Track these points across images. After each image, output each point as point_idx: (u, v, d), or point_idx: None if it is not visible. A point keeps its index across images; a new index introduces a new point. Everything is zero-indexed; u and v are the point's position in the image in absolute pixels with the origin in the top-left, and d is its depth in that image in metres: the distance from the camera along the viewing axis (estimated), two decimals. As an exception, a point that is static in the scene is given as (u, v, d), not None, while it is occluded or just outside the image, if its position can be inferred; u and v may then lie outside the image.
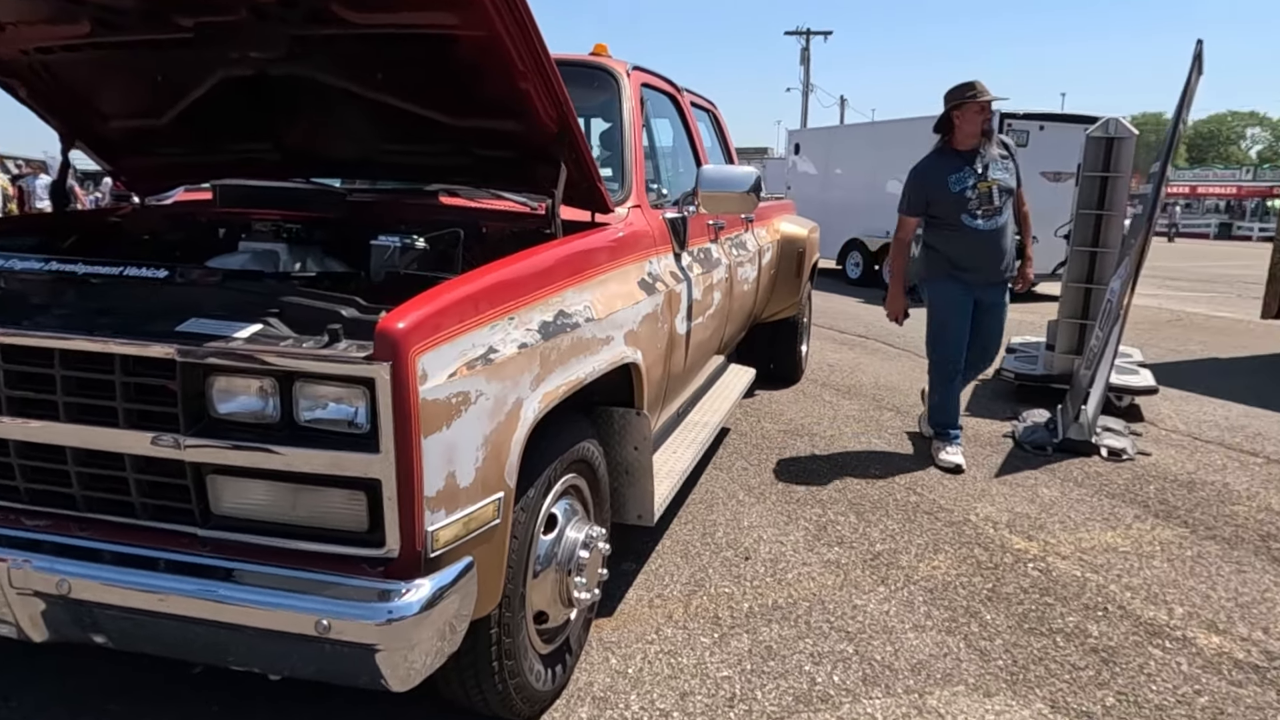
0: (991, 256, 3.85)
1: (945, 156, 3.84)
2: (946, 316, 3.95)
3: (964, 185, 3.76)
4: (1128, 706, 2.17)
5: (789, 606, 2.65)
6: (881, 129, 12.40)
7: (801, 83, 36.33)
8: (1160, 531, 3.32)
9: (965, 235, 3.79)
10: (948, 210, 3.79)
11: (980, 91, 3.69)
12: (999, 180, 3.80)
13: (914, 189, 3.88)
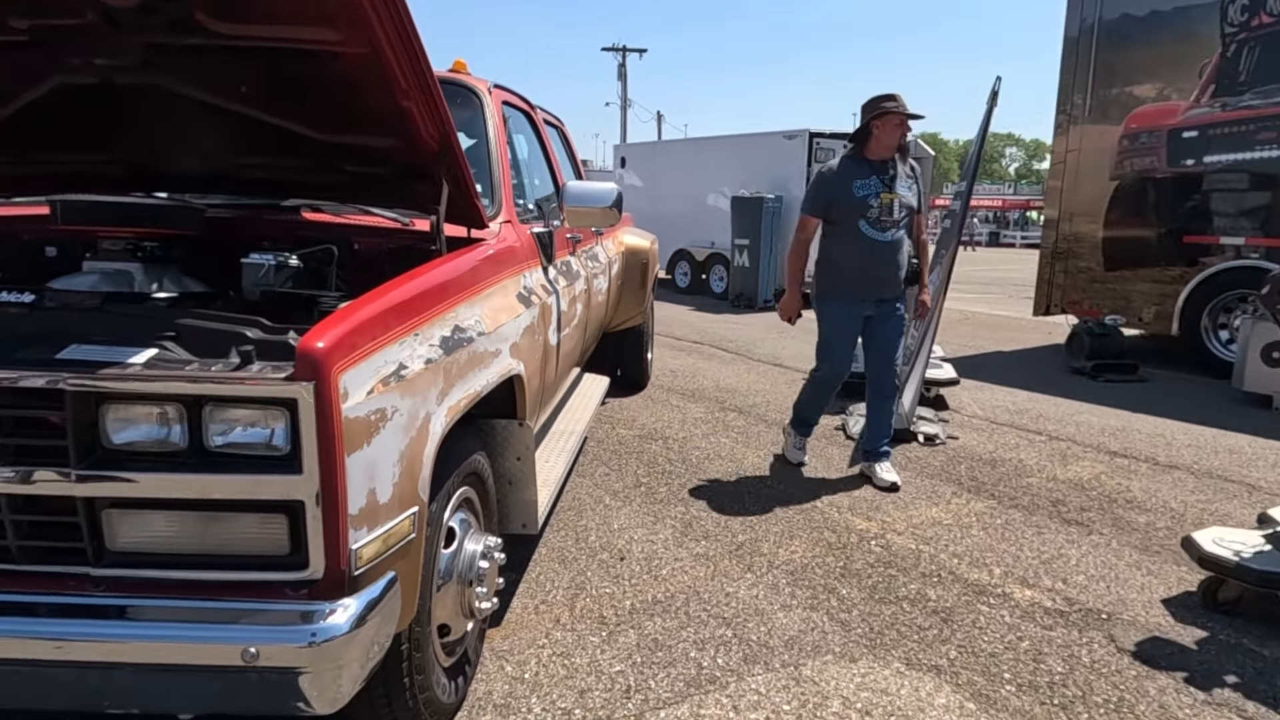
0: (883, 269, 3.80)
1: (855, 163, 3.78)
2: (834, 335, 3.92)
3: (867, 192, 3.72)
4: (967, 657, 2.48)
5: (668, 600, 2.80)
6: (703, 145, 13.01)
7: (620, 97, 37.22)
8: (974, 504, 3.78)
9: (860, 243, 3.74)
10: (846, 215, 3.74)
11: (902, 104, 3.67)
12: (901, 195, 3.77)
13: (817, 189, 3.83)
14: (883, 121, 3.67)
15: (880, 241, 3.75)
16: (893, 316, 3.91)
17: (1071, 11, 7.70)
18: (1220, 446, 4.79)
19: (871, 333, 3.93)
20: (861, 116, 3.76)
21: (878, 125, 3.69)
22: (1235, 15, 6.58)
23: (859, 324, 3.89)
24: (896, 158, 3.79)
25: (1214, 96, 6.74)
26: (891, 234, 3.77)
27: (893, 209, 3.75)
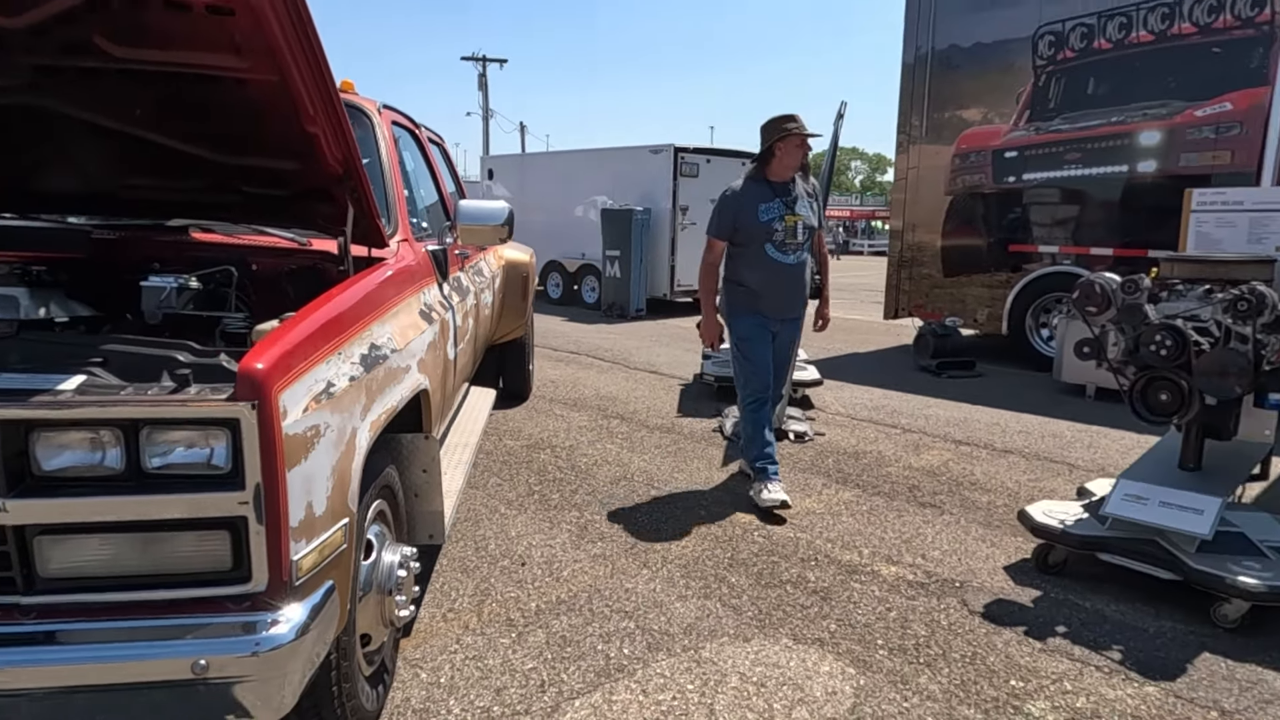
0: (789, 290, 3.86)
1: (758, 185, 3.79)
2: (751, 350, 3.90)
3: (771, 216, 3.73)
4: (845, 629, 2.76)
5: (571, 599, 2.93)
6: (571, 158, 13.20)
7: (481, 108, 36.89)
8: (842, 494, 4.13)
9: (766, 266, 3.77)
10: (751, 238, 3.76)
11: (802, 125, 3.69)
12: (804, 217, 3.81)
13: (724, 213, 3.82)
14: (785, 143, 3.68)
15: (785, 264, 3.78)
16: (791, 333, 4.04)
17: (907, 41, 8.43)
18: (1045, 432, 5.41)
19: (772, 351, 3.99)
20: (763, 138, 3.76)
21: (780, 147, 3.70)
22: (1044, 49, 7.43)
23: (770, 336, 3.93)
24: (798, 177, 3.84)
25: (1029, 121, 7.57)
26: (796, 256, 3.80)
27: (796, 231, 3.77)
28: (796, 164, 3.77)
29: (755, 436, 3.94)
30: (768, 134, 3.75)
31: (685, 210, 11.50)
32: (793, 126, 3.68)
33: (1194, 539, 2.87)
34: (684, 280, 11.71)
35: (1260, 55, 6.20)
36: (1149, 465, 3.25)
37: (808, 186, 3.91)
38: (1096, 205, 7.23)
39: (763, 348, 3.89)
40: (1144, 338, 2.94)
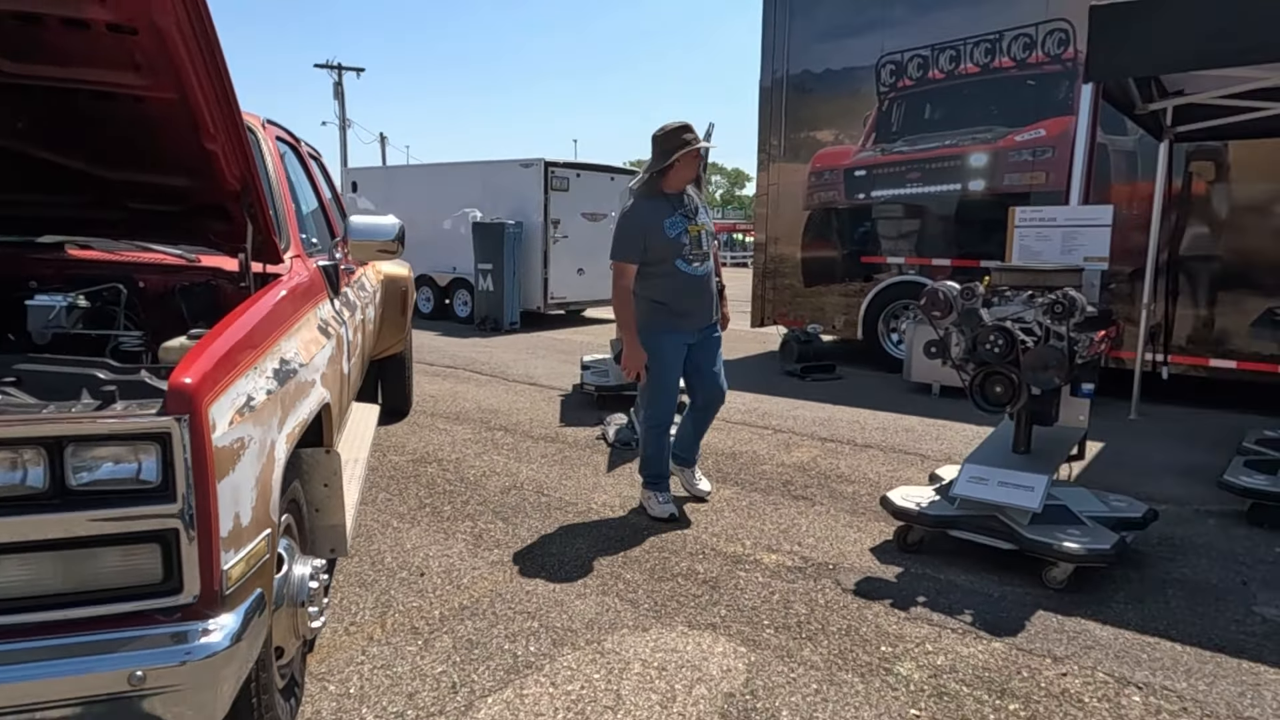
0: (705, 299, 3.86)
1: (656, 201, 3.73)
2: (666, 372, 3.84)
3: (678, 230, 3.70)
4: (734, 613, 2.98)
5: (474, 605, 3.01)
6: (440, 170, 13.05)
7: (338, 117, 35.62)
8: (724, 491, 4.39)
9: (680, 280, 3.73)
10: (662, 255, 3.69)
11: (697, 137, 3.67)
12: (704, 225, 3.83)
13: (630, 234, 3.71)
14: (682, 156, 3.63)
15: (696, 276, 3.78)
16: (711, 337, 3.98)
17: (765, 65, 8.96)
18: (899, 427, 5.91)
19: (694, 357, 3.92)
20: (660, 149, 3.66)
21: (680, 159, 3.64)
22: (886, 77, 8.10)
23: (684, 353, 3.88)
24: (690, 188, 3.84)
25: (875, 143, 8.22)
26: (703, 266, 3.81)
27: (701, 241, 3.78)
28: (693, 176, 3.75)
29: (657, 455, 3.97)
30: (667, 145, 3.64)
31: (557, 223, 11.65)
32: (691, 138, 3.64)
33: (1027, 513, 3.29)
34: (557, 293, 11.83)
35: (1066, 88, 7.04)
36: (988, 450, 3.67)
37: (701, 196, 3.94)
38: (935, 220, 7.94)
39: (677, 372, 3.87)
40: (980, 338, 3.35)
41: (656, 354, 3.79)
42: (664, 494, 3.97)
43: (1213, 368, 6.61)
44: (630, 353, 3.76)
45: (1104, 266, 3.63)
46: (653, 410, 3.92)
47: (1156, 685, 2.52)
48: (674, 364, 3.84)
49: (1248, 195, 6.42)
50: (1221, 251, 6.56)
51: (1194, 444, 5.45)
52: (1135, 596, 3.15)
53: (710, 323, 3.94)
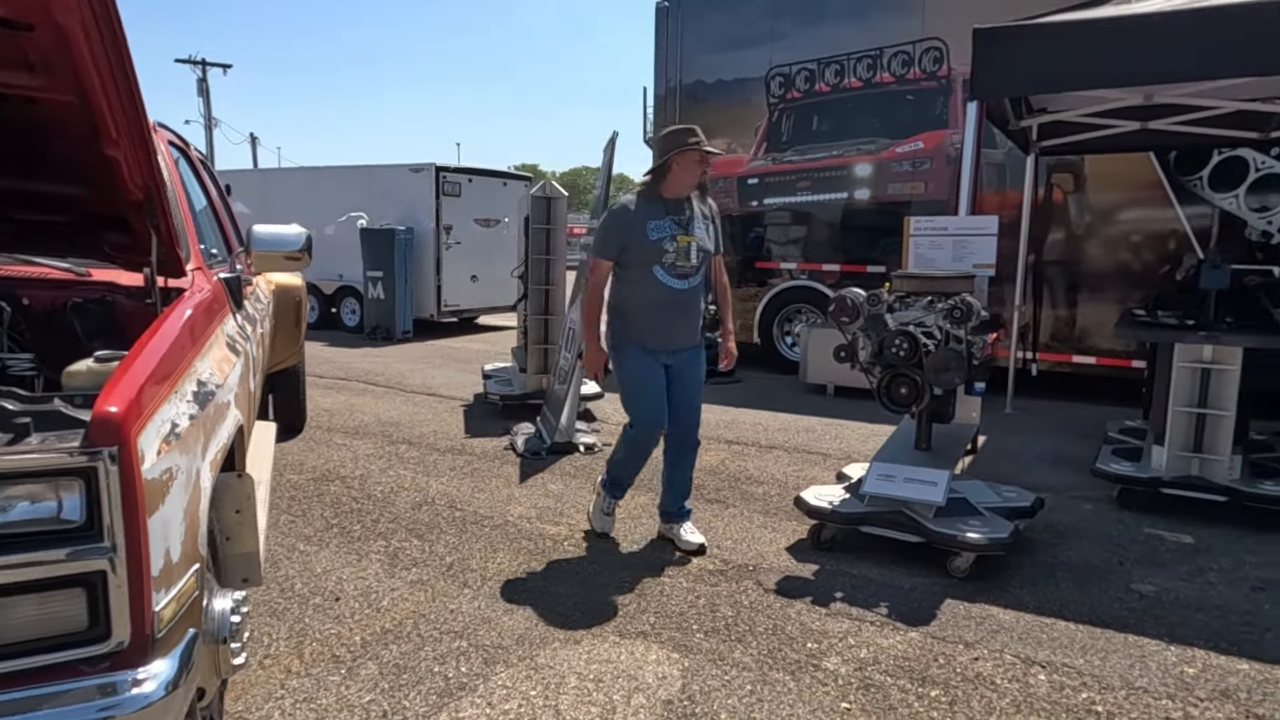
0: (681, 319, 3.47)
1: (650, 202, 3.41)
2: (640, 385, 3.49)
3: (662, 235, 3.36)
4: (663, 619, 3.00)
5: (396, 628, 2.90)
6: (324, 174, 12.53)
7: (203, 116, 33.61)
8: (638, 499, 4.38)
9: (654, 291, 3.40)
10: (640, 260, 3.39)
11: (703, 140, 3.35)
12: (698, 239, 3.43)
13: (610, 230, 3.43)
14: (683, 157, 3.32)
15: (677, 290, 3.41)
16: (691, 366, 3.57)
17: (659, 74, 9.08)
18: (799, 428, 6.11)
19: (669, 384, 3.54)
20: (658, 151, 3.42)
21: (678, 161, 3.33)
22: (775, 89, 8.37)
23: (662, 372, 3.51)
24: (694, 197, 3.49)
25: (766, 152, 8.48)
26: (689, 281, 3.43)
27: (690, 254, 3.40)
28: (694, 181, 3.41)
29: (625, 462, 3.68)
30: (665, 146, 3.38)
31: (449, 229, 11.40)
32: (694, 141, 3.32)
33: (932, 506, 3.47)
34: (451, 300, 11.58)
35: (942, 103, 7.48)
36: (893, 448, 3.85)
37: (705, 208, 3.53)
38: (824, 227, 8.26)
39: (654, 385, 3.48)
40: (886, 342, 3.51)
41: (620, 362, 3.50)
42: (610, 502, 3.78)
43: (1076, 364, 7.18)
44: (589, 352, 3.55)
45: (991, 273, 3.88)
46: (631, 431, 3.60)
47: (1058, 663, 2.72)
48: (643, 372, 3.47)
49: (1102, 205, 7.01)
50: (1080, 257, 7.13)
51: (1064, 435, 5.89)
52: (1029, 580, 3.37)
53: (690, 345, 3.54)
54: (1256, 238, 6.51)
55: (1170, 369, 4.22)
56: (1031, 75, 3.90)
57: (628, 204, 3.43)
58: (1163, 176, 6.73)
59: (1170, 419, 4.23)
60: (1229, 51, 3.33)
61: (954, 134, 7.39)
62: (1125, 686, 2.58)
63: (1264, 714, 2.43)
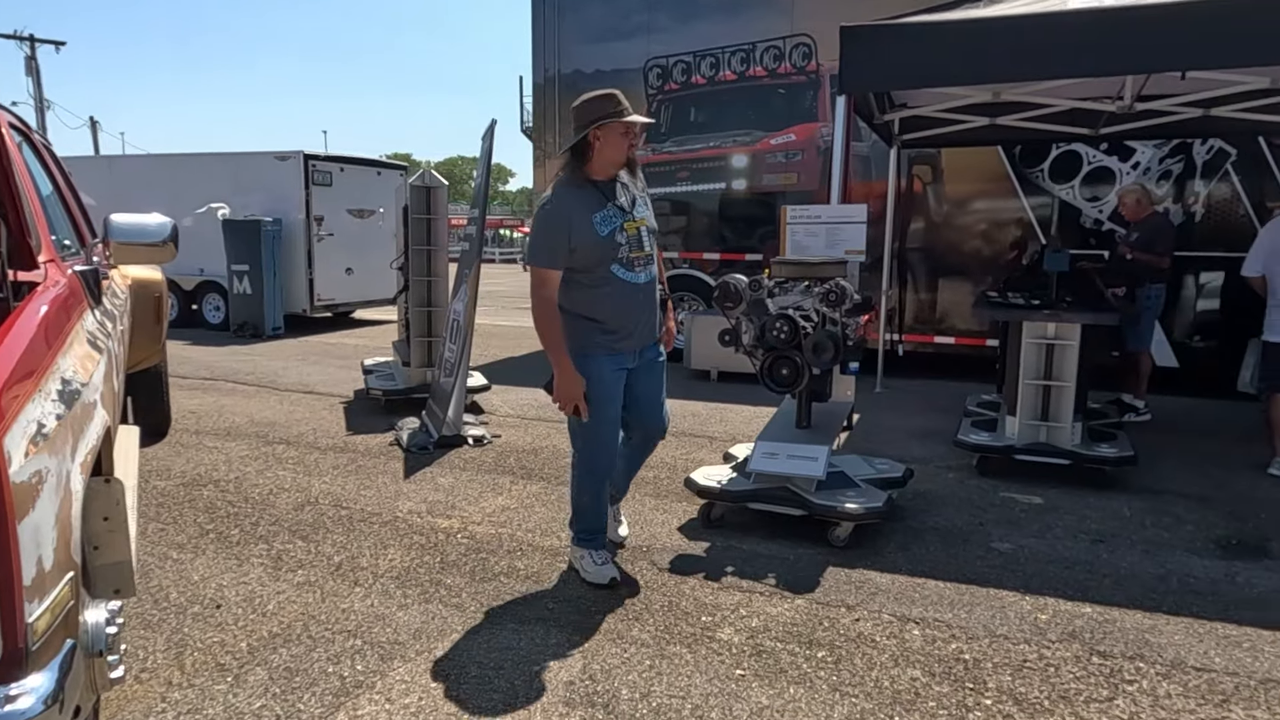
0: (648, 314, 3.07)
1: (582, 191, 2.92)
2: (605, 404, 3.03)
3: (612, 227, 2.90)
4: (561, 604, 3.04)
5: (285, 631, 2.81)
6: (180, 162, 11.73)
7: (33, 97, 30.69)
8: (531, 488, 4.42)
9: (616, 292, 2.93)
10: (594, 260, 2.90)
11: (626, 107, 2.89)
12: (645, 220, 3.02)
13: (551, 233, 2.87)
14: (605, 131, 2.86)
15: (638, 284, 2.99)
16: (654, 361, 3.20)
17: (536, 63, 9.02)
18: (686, 413, 6.26)
19: (633, 385, 3.14)
20: (576, 124, 2.89)
21: (600, 135, 2.87)
22: (653, 80, 8.49)
23: (622, 386, 3.09)
24: (624, 174, 3.01)
25: (647, 142, 8.58)
26: (647, 272, 3.03)
27: (641, 240, 2.98)
28: (622, 157, 2.94)
29: (593, 506, 3.20)
30: (582, 118, 2.87)
31: (320, 220, 10.95)
32: (615, 110, 2.86)
33: (813, 480, 3.66)
34: (324, 294, 11.13)
35: (811, 97, 7.81)
36: (776, 428, 4.03)
37: (638, 184, 3.07)
38: (703, 216, 8.46)
39: (615, 404, 3.08)
40: (767, 326, 3.66)
41: (593, 382, 2.98)
42: (600, 553, 3.22)
43: (938, 344, 7.68)
44: (564, 380, 2.92)
45: (863, 259, 4.11)
46: (589, 451, 3.11)
47: (930, 618, 2.93)
48: (614, 394, 3.06)
49: (958, 195, 7.52)
50: (939, 244, 7.63)
51: (929, 410, 6.30)
52: (903, 545, 3.61)
53: (652, 341, 3.16)
54: (1090, 225, 7.16)
55: (1019, 345, 4.60)
56: (892, 72, 4.15)
57: (560, 198, 2.91)
58: (1009, 169, 7.29)
59: (1020, 391, 4.61)
60: (1062, 54, 3.66)
61: (824, 127, 7.72)
62: (988, 635, 2.82)
63: (1105, 649, 2.72)
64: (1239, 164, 6.67)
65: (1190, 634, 2.83)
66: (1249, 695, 2.46)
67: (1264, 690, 2.48)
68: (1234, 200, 6.73)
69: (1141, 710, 2.38)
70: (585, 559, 3.22)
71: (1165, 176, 6.90)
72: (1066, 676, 2.56)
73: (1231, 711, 2.38)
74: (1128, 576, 3.31)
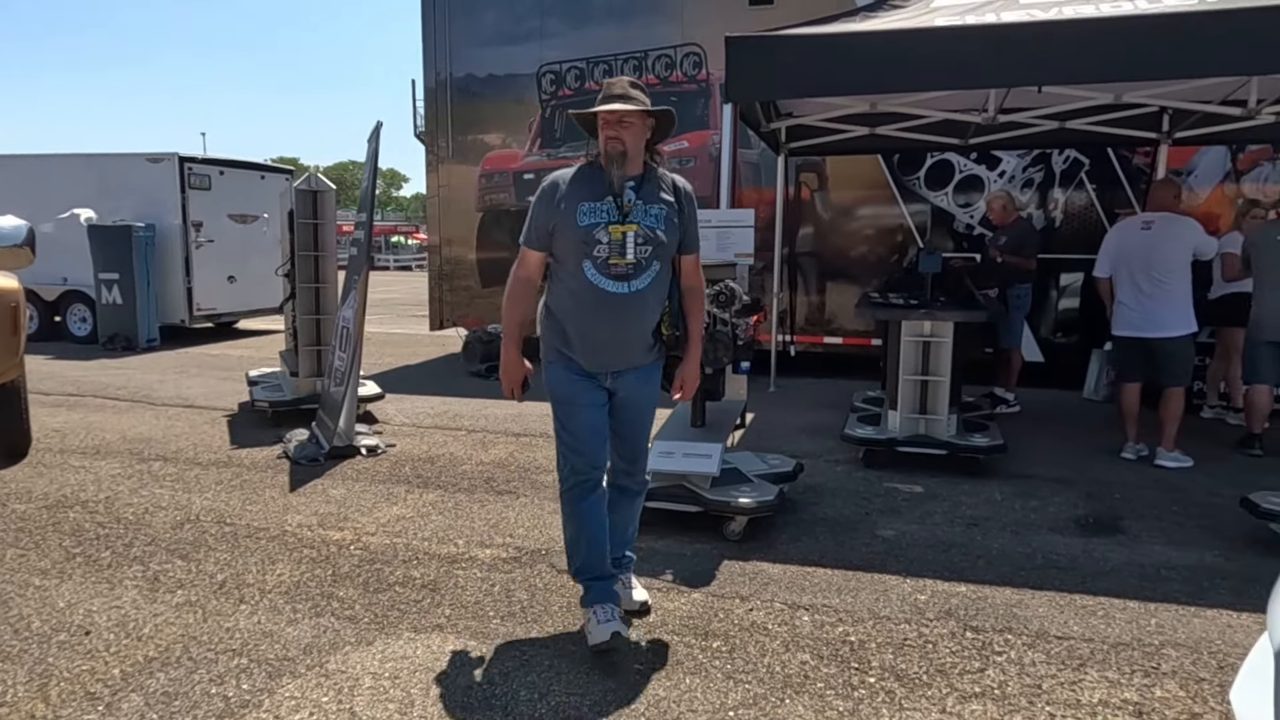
0: (617, 332, 2.66)
1: (592, 176, 2.65)
2: (571, 413, 2.72)
3: (595, 221, 2.59)
4: (459, 610, 3.01)
5: (163, 655, 2.67)
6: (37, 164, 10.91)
7: None
8: (427, 496, 4.34)
9: (583, 293, 2.62)
10: (568, 251, 2.63)
11: (620, 91, 2.63)
12: (647, 227, 2.61)
13: (536, 209, 2.67)
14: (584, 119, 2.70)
15: (609, 294, 2.60)
16: (639, 392, 2.78)
17: (427, 66, 8.88)
18: (585, 416, 6.28)
19: (612, 414, 2.79)
20: None
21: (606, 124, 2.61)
22: (547, 86, 8.49)
23: (599, 393, 2.74)
24: (659, 173, 2.72)
25: (541, 148, 8.59)
26: (630, 284, 2.61)
27: (626, 248, 2.59)
28: (617, 149, 2.58)
29: (576, 538, 2.80)
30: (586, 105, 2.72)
31: (199, 226, 10.42)
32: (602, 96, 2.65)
33: (708, 477, 3.75)
34: (205, 304, 10.60)
35: (702, 105, 7.98)
36: (671, 427, 4.10)
37: (667, 186, 2.71)
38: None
39: (588, 410, 2.72)
40: (661, 327, 3.73)
41: (551, 386, 2.76)
42: (605, 607, 2.72)
43: (827, 344, 7.99)
44: (505, 361, 2.77)
45: (751, 261, 4.24)
46: (561, 470, 2.79)
47: (819, 605, 3.06)
48: (573, 398, 2.71)
49: (842, 202, 7.85)
50: (826, 248, 7.94)
51: (819, 407, 6.54)
52: (794, 536, 3.75)
53: (636, 366, 2.74)
54: (962, 229, 7.60)
55: (899, 343, 4.84)
56: (776, 81, 4.31)
57: (563, 177, 2.69)
58: (889, 177, 7.66)
59: (900, 387, 4.86)
60: (930, 68, 3.89)
61: (715, 135, 7.91)
62: (872, 617, 2.96)
63: (977, 625, 2.90)
64: (1092, 173, 7.24)
65: (1053, 606, 3.05)
66: (1102, 658, 2.68)
67: (1115, 653, 2.71)
68: (1089, 207, 7.30)
69: (1009, 679, 2.55)
70: (589, 618, 2.72)
71: (1028, 184, 7.41)
72: (943, 652, 2.72)
73: (1087, 674, 2.58)
74: (998, 556, 3.54)
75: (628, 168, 2.62)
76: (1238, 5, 3.55)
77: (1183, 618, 2.96)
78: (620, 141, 2.59)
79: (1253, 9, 3.51)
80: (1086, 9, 3.85)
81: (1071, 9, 3.88)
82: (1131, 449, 5.08)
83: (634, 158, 2.63)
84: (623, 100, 2.61)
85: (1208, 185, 7.04)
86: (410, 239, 45.23)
